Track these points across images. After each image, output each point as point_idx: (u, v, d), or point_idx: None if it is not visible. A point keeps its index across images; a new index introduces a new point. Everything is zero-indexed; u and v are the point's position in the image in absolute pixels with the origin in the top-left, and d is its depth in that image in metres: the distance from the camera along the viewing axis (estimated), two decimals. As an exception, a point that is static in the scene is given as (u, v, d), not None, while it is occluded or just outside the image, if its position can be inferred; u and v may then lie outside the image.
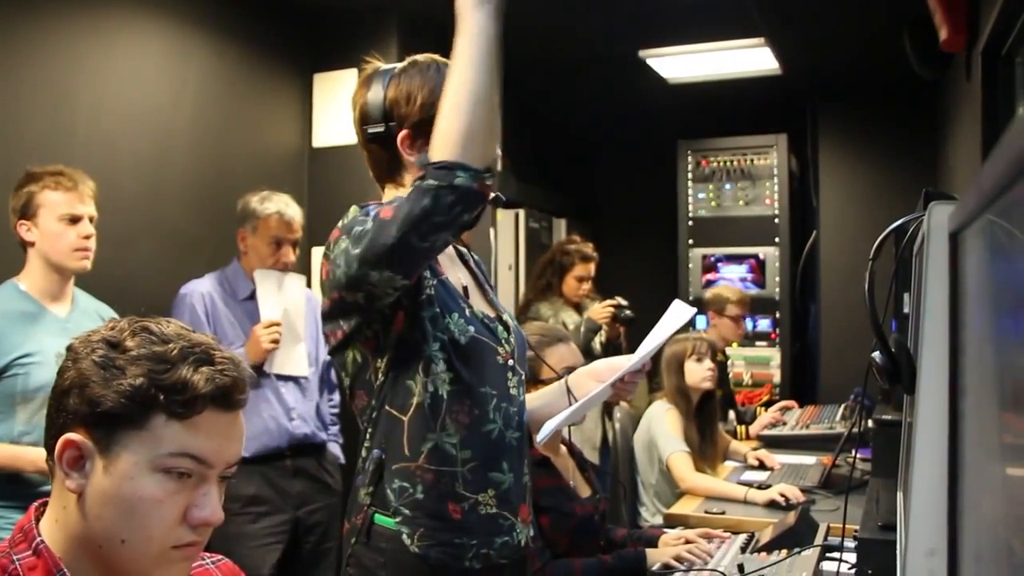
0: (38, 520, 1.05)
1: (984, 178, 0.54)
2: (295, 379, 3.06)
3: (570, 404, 1.73)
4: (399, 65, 1.62)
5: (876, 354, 1.06)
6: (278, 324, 2.93)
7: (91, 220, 2.41)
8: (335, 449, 3.24)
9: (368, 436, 1.55)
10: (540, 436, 1.65)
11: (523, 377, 1.67)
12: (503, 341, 1.60)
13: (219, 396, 1.03)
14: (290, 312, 3.03)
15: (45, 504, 1.07)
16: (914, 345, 1.06)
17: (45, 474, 2.16)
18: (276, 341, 2.91)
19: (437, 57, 1.63)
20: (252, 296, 3.02)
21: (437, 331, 1.50)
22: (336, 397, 3.33)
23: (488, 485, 1.53)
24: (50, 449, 1.03)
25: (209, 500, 1.03)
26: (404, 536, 1.48)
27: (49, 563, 1.00)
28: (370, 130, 1.58)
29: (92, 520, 1.01)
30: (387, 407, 1.52)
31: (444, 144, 1.36)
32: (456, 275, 1.64)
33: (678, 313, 1.78)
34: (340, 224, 1.50)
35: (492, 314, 1.64)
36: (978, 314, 0.71)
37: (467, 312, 1.55)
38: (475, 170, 1.35)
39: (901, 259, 1.55)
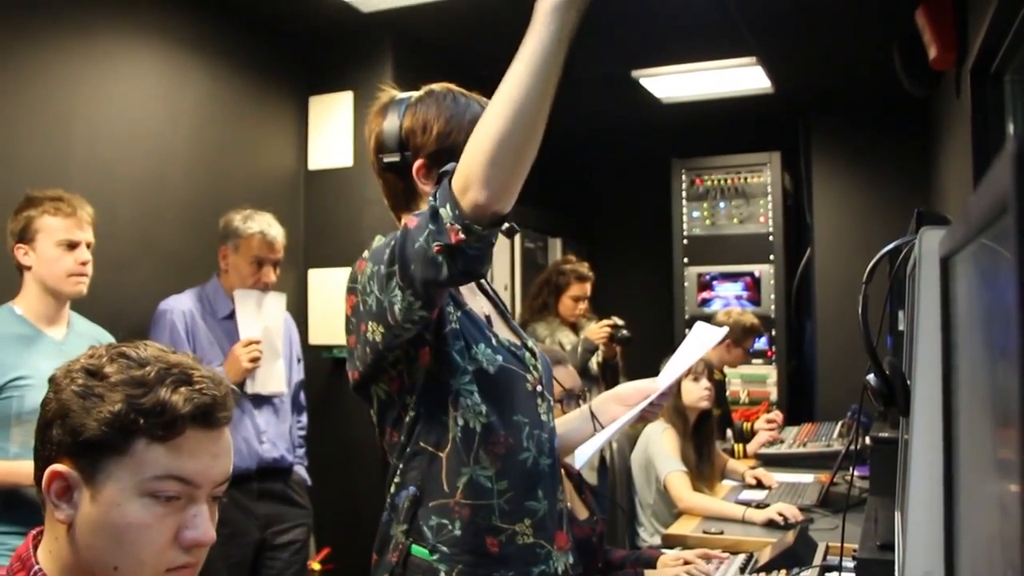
0: (36, 548, 1.05)
1: (972, 207, 0.54)
2: (269, 401, 3.05)
3: (595, 429, 1.72)
4: (415, 94, 1.60)
5: (871, 376, 1.06)
6: (258, 342, 2.93)
7: (88, 246, 2.42)
8: (302, 472, 3.24)
9: (399, 472, 1.51)
10: (578, 463, 1.65)
11: (551, 403, 1.65)
12: (531, 368, 1.59)
13: (200, 415, 1.02)
14: (270, 330, 3.03)
15: (42, 531, 1.07)
16: (908, 367, 1.06)
17: None
18: (256, 359, 2.91)
19: (453, 86, 1.61)
20: (232, 315, 3.02)
21: (466, 363, 1.47)
22: (304, 419, 3.33)
23: (525, 514, 1.50)
24: (38, 481, 1.03)
25: (200, 520, 1.03)
26: (442, 574, 1.45)
27: (48, 592, 1.00)
28: (386, 159, 1.57)
29: (84, 549, 1.01)
30: (421, 444, 1.49)
31: (474, 150, 1.26)
32: (478, 304, 1.62)
33: (705, 335, 1.78)
34: (365, 255, 1.47)
35: (517, 341, 1.62)
36: (970, 337, 0.72)
37: (493, 341, 1.53)
38: (468, 221, 1.26)
39: (895, 278, 1.56)
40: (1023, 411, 0.41)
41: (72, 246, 2.38)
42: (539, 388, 1.59)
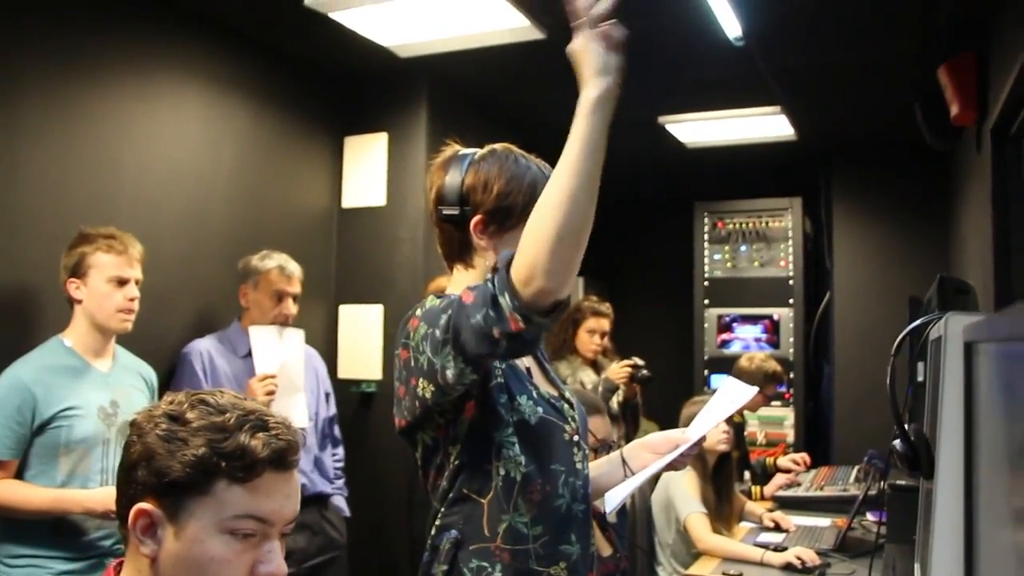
0: (117, 581, 1.13)
1: (998, 323, 0.62)
2: None
3: (626, 476, 1.79)
4: (478, 151, 1.68)
5: (897, 442, 1.13)
6: (273, 377, 2.96)
7: (137, 283, 2.51)
8: (340, 502, 3.28)
9: (440, 515, 1.58)
10: (608, 509, 1.71)
11: (587, 451, 1.70)
12: (569, 419, 1.65)
13: (276, 459, 1.11)
14: (288, 365, 3.07)
15: (122, 563, 1.15)
16: (930, 428, 1.13)
17: (92, 514, 2.23)
18: (271, 393, 2.94)
19: (513, 147, 1.69)
20: (251, 353, 3.06)
21: (509, 415, 1.54)
22: (340, 451, 3.38)
23: (560, 558, 1.56)
24: (123, 519, 1.11)
25: (274, 556, 1.11)
26: None
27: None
28: (445, 211, 1.63)
29: None
30: (464, 490, 1.55)
31: (535, 242, 1.31)
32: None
33: (735, 392, 1.85)
34: (418, 313, 1.53)
35: (556, 393, 1.69)
36: (990, 411, 0.79)
37: (534, 394, 1.60)
38: (529, 313, 1.31)
39: (917, 340, 1.62)
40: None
41: (122, 283, 2.47)
42: (576, 438, 1.65)
